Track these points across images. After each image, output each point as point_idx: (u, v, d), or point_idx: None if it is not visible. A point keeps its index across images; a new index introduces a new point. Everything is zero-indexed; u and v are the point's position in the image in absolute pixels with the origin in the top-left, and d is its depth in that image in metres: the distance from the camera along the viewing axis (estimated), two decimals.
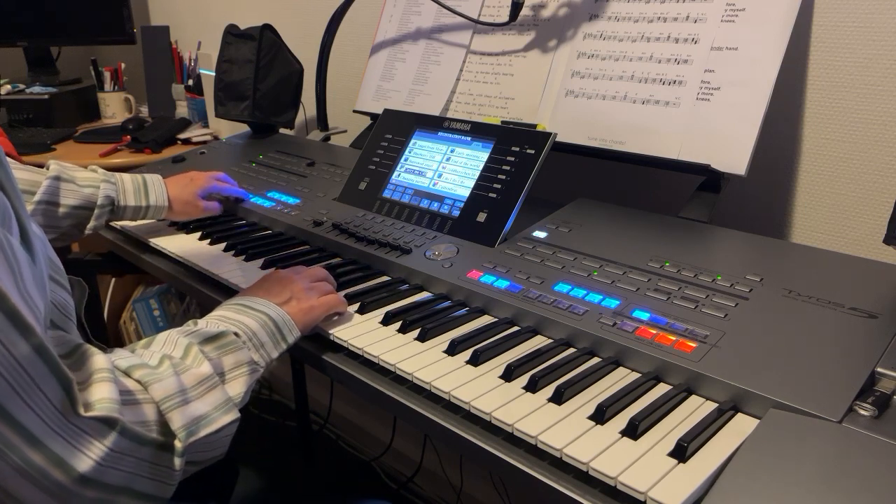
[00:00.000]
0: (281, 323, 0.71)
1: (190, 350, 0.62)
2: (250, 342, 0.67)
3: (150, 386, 0.55)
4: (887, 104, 0.87)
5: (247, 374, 0.65)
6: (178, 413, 0.56)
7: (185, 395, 0.57)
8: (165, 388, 0.56)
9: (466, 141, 0.98)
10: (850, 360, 0.60)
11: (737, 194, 1.02)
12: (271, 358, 0.69)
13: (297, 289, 0.76)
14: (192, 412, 0.57)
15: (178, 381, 0.57)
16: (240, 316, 0.69)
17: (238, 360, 0.65)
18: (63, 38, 2.14)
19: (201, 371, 0.60)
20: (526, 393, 0.63)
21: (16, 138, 1.67)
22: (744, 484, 0.49)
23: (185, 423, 0.56)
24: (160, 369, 0.58)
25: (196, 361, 0.61)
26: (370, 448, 1.85)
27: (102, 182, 0.99)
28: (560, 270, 0.79)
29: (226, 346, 0.65)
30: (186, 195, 1.06)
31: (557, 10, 1.08)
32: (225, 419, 0.60)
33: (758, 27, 0.86)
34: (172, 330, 0.65)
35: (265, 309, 0.71)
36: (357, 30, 1.54)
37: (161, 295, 1.92)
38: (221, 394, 0.61)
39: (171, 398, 0.56)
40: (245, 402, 0.64)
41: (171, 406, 0.56)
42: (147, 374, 0.56)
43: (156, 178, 1.06)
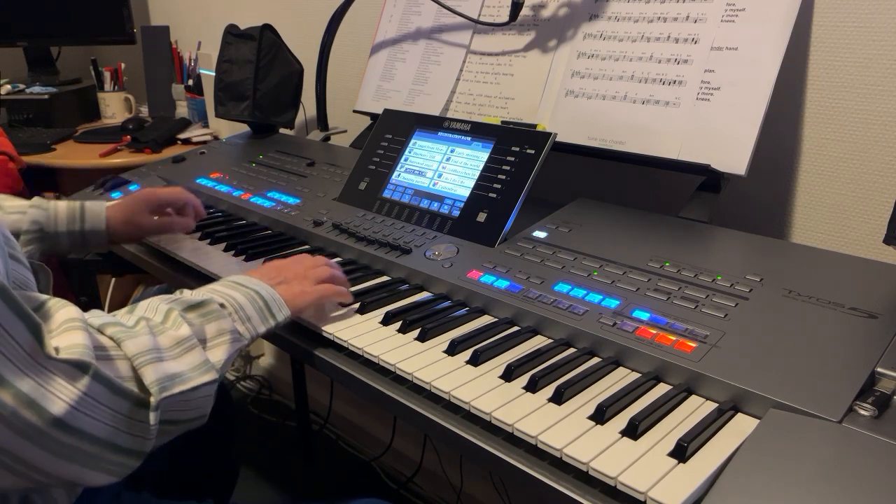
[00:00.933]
0: (270, 300, 0.71)
1: (170, 314, 0.62)
2: (236, 314, 0.67)
3: (123, 342, 0.56)
4: (887, 104, 0.87)
5: (228, 342, 0.65)
6: (152, 368, 0.56)
7: (159, 352, 0.58)
8: (138, 344, 0.56)
9: (466, 141, 0.98)
10: (850, 360, 0.60)
11: (737, 194, 1.02)
12: (257, 332, 0.69)
13: (292, 274, 0.77)
14: (167, 369, 0.57)
15: (152, 339, 0.58)
16: (228, 290, 0.70)
17: (221, 328, 0.65)
18: (63, 38, 2.14)
19: (179, 333, 0.61)
20: (526, 393, 0.63)
21: (16, 138, 1.67)
22: (744, 484, 0.49)
23: (159, 378, 0.56)
24: (135, 328, 0.58)
25: (175, 324, 0.61)
26: (370, 448, 1.85)
27: (31, 208, 0.93)
28: (560, 270, 0.79)
29: (209, 313, 0.65)
30: (128, 214, 0.99)
31: (557, 10, 1.08)
32: (202, 378, 0.60)
33: (758, 27, 0.86)
34: (155, 297, 0.66)
35: (255, 286, 0.72)
36: (357, 30, 1.54)
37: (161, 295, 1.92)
38: (199, 355, 0.61)
39: (144, 354, 0.56)
40: (225, 370, 0.64)
41: (144, 361, 0.56)
42: (120, 331, 0.57)
43: (96, 203, 0.98)
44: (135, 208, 1.00)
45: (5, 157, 1.49)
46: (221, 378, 0.64)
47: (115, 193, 1.29)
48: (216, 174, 1.28)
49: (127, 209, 1.00)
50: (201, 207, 1.06)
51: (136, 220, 0.99)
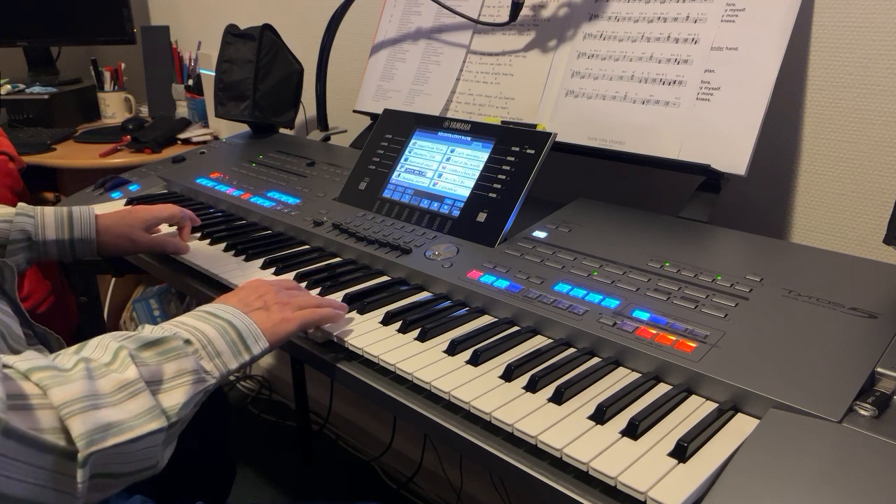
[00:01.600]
0: (245, 331, 0.66)
1: (119, 354, 0.56)
2: (203, 350, 0.62)
3: (50, 390, 0.50)
4: (887, 104, 0.87)
5: (189, 382, 0.59)
6: (80, 419, 0.50)
7: (95, 399, 0.52)
8: (68, 391, 0.50)
9: (466, 141, 0.98)
10: (850, 360, 0.60)
11: (737, 194, 1.02)
12: (228, 369, 0.64)
13: (273, 298, 0.72)
14: (100, 419, 0.51)
15: (87, 384, 0.52)
16: (198, 322, 0.64)
17: (181, 367, 0.59)
18: (63, 38, 2.14)
19: (124, 377, 0.55)
20: (526, 393, 0.63)
21: (16, 138, 1.67)
22: (744, 484, 0.49)
23: (89, 430, 0.50)
24: (69, 373, 0.52)
25: (122, 366, 0.55)
26: (370, 448, 1.85)
27: (17, 216, 0.91)
28: (560, 270, 0.79)
29: (168, 351, 0.59)
30: (122, 227, 0.97)
31: (557, 10, 1.08)
32: (146, 427, 0.54)
33: (758, 27, 0.86)
34: (108, 334, 0.60)
35: (229, 317, 0.66)
36: (357, 30, 1.54)
37: (161, 295, 1.92)
38: (146, 401, 0.55)
39: (73, 403, 0.50)
40: (185, 413, 0.58)
41: (72, 411, 0.50)
42: (49, 376, 0.51)
43: (85, 210, 0.96)
44: (130, 222, 0.98)
45: (5, 157, 1.49)
46: (182, 424, 0.59)
47: (115, 193, 1.29)
48: (216, 174, 1.28)
49: (122, 223, 0.98)
50: (196, 219, 1.05)
51: (130, 234, 0.97)
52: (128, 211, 1.01)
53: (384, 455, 1.77)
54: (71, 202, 1.28)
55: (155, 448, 0.56)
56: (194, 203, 1.21)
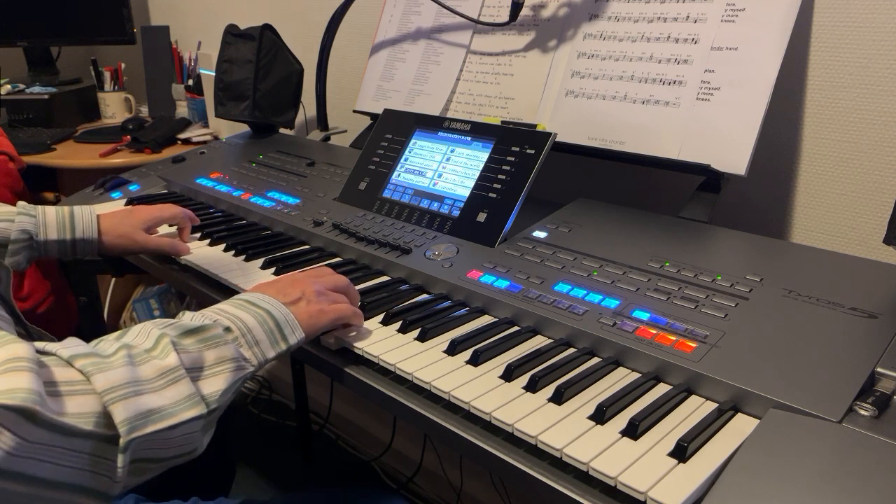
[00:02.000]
0: (283, 322, 0.67)
1: (161, 341, 0.57)
2: (243, 338, 0.63)
3: (93, 376, 0.51)
4: (887, 104, 0.87)
5: (230, 370, 0.60)
6: (122, 405, 0.51)
7: (137, 386, 0.53)
8: (111, 378, 0.51)
9: (466, 141, 0.98)
10: (850, 360, 0.60)
11: (737, 194, 1.02)
12: (266, 357, 0.65)
13: (310, 291, 0.72)
14: (142, 405, 0.52)
15: (129, 371, 0.53)
16: (237, 311, 0.65)
17: (222, 355, 0.60)
18: (63, 38, 2.14)
19: (166, 363, 0.56)
20: (526, 393, 0.63)
21: (16, 138, 1.67)
22: (744, 484, 0.49)
23: (130, 417, 0.51)
24: (111, 359, 0.53)
25: (163, 353, 0.56)
26: (370, 448, 1.85)
27: (19, 215, 0.91)
28: (560, 270, 0.79)
29: (209, 339, 0.60)
30: (123, 227, 0.97)
31: (557, 10, 1.08)
32: (186, 414, 0.55)
33: (758, 27, 0.86)
34: (150, 321, 0.61)
35: (267, 306, 0.67)
36: (357, 30, 1.55)
37: (161, 295, 1.92)
38: (187, 388, 0.56)
39: (116, 389, 0.51)
40: (225, 399, 0.60)
41: (115, 398, 0.51)
42: (92, 363, 0.52)
43: (86, 210, 0.96)
44: (132, 223, 0.98)
45: (5, 157, 1.49)
46: (221, 410, 0.59)
47: (115, 193, 1.29)
48: (216, 174, 1.28)
49: (123, 223, 0.98)
50: (196, 219, 1.05)
51: (131, 234, 0.97)
52: (129, 211, 1.01)
53: (384, 455, 1.77)
54: (71, 202, 1.28)
55: (194, 434, 0.57)
56: (194, 203, 1.21)
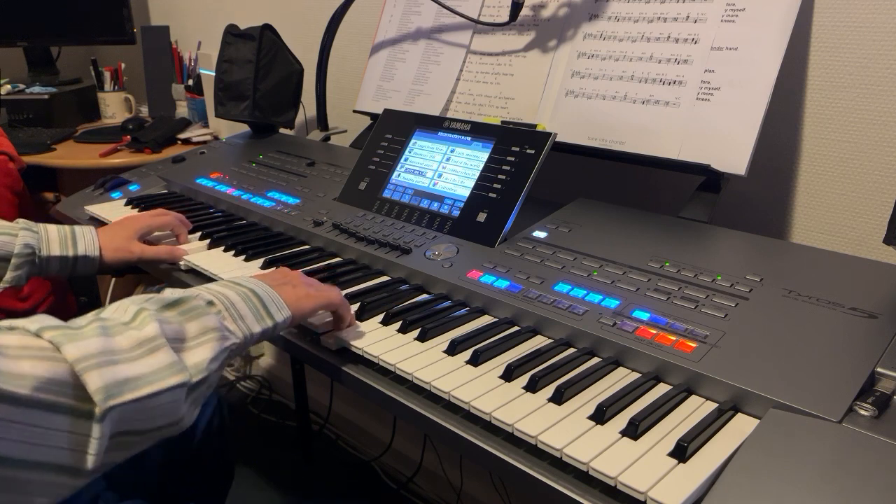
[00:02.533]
0: (267, 299, 0.67)
1: (140, 314, 0.56)
2: (226, 311, 0.62)
3: (63, 346, 0.48)
4: (887, 104, 0.87)
5: (214, 339, 0.59)
6: (97, 374, 0.48)
7: (112, 355, 0.51)
8: (83, 347, 0.49)
9: (466, 141, 0.98)
10: (850, 360, 0.60)
11: (737, 194, 1.02)
12: (251, 332, 0.64)
13: (296, 279, 0.74)
14: (118, 373, 0.50)
15: (104, 341, 0.51)
16: (220, 288, 0.65)
17: (205, 325, 0.59)
18: (63, 38, 2.14)
19: (143, 333, 0.54)
20: (526, 393, 0.63)
21: (16, 138, 1.67)
22: (744, 484, 0.49)
23: (105, 385, 0.48)
24: (83, 330, 0.51)
25: (142, 323, 0.54)
26: (370, 448, 1.85)
27: (22, 230, 0.91)
28: (560, 270, 0.79)
29: (190, 310, 0.59)
30: (118, 240, 0.98)
31: (557, 10, 1.08)
32: (167, 381, 0.52)
33: (758, 27, 0.86)
34: (127, 298, 0.59)
35: (251, 285, 0.67)
36: (357, 30, 1.55)
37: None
38: (167, 356, 0.54)
39: (89, 358, 0.49)
40: (213, 369, 0.58)
41: (87, 366, 0.48)
42: (62, 334, 0.49)
43: (86, 228, 0.97)
44: (126, 234, 0.98)
45: (5, 157, 1.49)
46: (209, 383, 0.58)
47: (115, 193, 1.29)
48: (216, 174, 1.28)
49: (118, 235, 0.98)
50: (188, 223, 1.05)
51: (128, 247, 0.98)
52: (119, 223, 1.01)
53: (384, 455, 1.76)
54: (71, 202, 1.28)
55: (177, 403, 0.54)
56: (194, 203, 1.21)
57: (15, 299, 1.41)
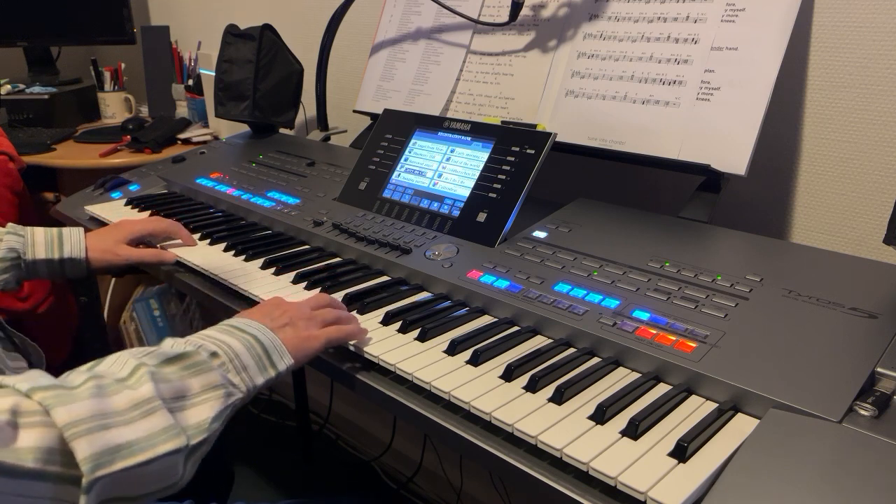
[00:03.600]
0: (270, 347, 0.64)
1: (137, 371, 0.54)
2: (230, 363, 0.60)
3: (53, 409, 0.46)
4: (887, 104, 0.87)
5: (218, 398, 0.57)
6: (86, 441, 0.46)
7: (104, 419, 0.48)
8: (74, 411, 0.47)
9: (466, 141, 0.98)
10: (850, 360, 0.60)
11: (737, 194, 1.02)
12: (255, 384, 0.62)
13: (296, 315, 0.70)
14: (111, 440, 0.48)
15: (97, 402, 0.49)
16: (223, 336, 0.63)
17: (208, 381, 0.57)
18: (63, 38, 2.14)
19: (138, 393, 0.52)
20: (526, 393, 0.63)
21: (16, 138, 1.67)
22: (744, 484, 0.49)
23: (95, 453, 0.46)
24: (77, 391, 0.49)
25: (138, 382, 0.53)
26: (370, 448, 1.85)
27: (7, 234, 0.91)
28: (560, 270, 0.79)
29: (193, 366, 0.57)
30: (106, 243, 0.97)
31: (557, 10, 1.08)
32: (162, 447, 0.50)
33: (758, 27, 0.86)
34: (127, 351, 0.57)
35: (254, 331, 0.65)
36: (357, 30, 1.54)
37: (161, 295, 1.92)
38: (162, 419, 0.52)
39: (81, 423, 0.47)
40: (214, 429, 0.56)
41: (77, 433, 0.46)
42: (54, 395, 0.47)
43: (74, 230, 0.97)
44: (115, 237, 0.98)
45: (5, 157, 1.49)
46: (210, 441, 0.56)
47: (115, 193, 1.29)
48: (216, 174, 1.28)
49: (107, 237, 0.98)
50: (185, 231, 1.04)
51: (114, 249, 0.97)
52: (115, 226, 1.01)
53: (384, 455, 1.77)
54: (71, 202, 1.28)
55: (173, 468, 0.52)
56: (194, 203, 1.21)
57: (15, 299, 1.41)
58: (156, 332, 1.90)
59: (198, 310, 2.02)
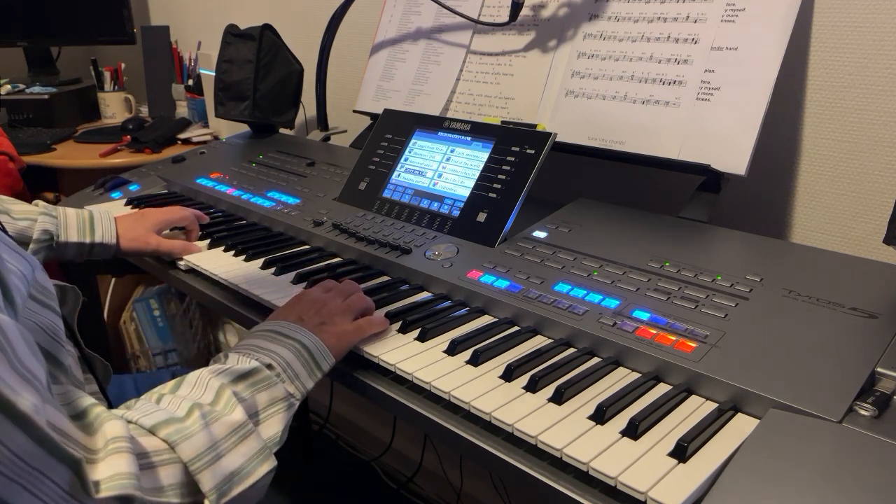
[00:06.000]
0: (315, 351, 0.66)
1: (222, 393, 0.58)
2: (285, 373, 0.63)
3: (178, 445, 0.52)
4: (887, 104, 0.87)
5: (283, 410, 0.61)
6: (209, 473, 0.52)
7: (216, 449, 0.54)
8: (195, 445, 0.52)
9: (466, 141, 0.98)
10: (850, 360, 0.60)
11: (737, 194, 1.02)
12: (307, 389, 0.65)
13: (330, 312, 0.72)
14: (225, 468, 0.54)
15: (208, 434, 0.54)
16: (273, 345, 0.65)
17: (273, 396, 0.61)
18: (63, 38, 2.14)
19: (234, 418, 0.56)
20: (526, 393, 0.63)
21: (16, 138, 1.67)
22: (744, 484, 0.49)
23: (217, 484, 0.52)
24: (188, 422, 0.54)
25: (228, 406, 0.57)
26: (370, 448, 1.85)
27: (41, 215, 0.91)
28: (560, 270, 0.79)
29: (259, 382, 0.61)
30: (137, 230, 0.98)
31: (557, 10, 1.08)
32: (261, 470, 0.57)
33: (758, 27, 0.86)
34: (204, 370, 0.61)
35: (299, 336, 0.67)
36: (357, 30, 1.54)
37: (161, 295, 1.92)
38: (256, 441, 0.57)
39: (202, 457, 0.52)
40: (283, 440, 0.61)
41: (201, 466, 0.52)
42: (174, 431, 0.52)
43: (104, 214, 0.98)
44: (145, 225, 0.99)
45: (5, 157, 1.49)
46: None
47: (115, 193, 1.29)
48: (216, 174, 1.28)
49: (137, 226, 0.99)
50: (205, 217, 1.07)
51: (145, 237, 0.98)
52: (140, 214, 1.02)
53: (384, 455, 1.76)
54: (71, 202, 1.28)
55: (266, 485, 0.58)
56: (194, 203, 1.21)
57: None
58: (156, 332, 1.90)
59: (198, 310, 2.02)
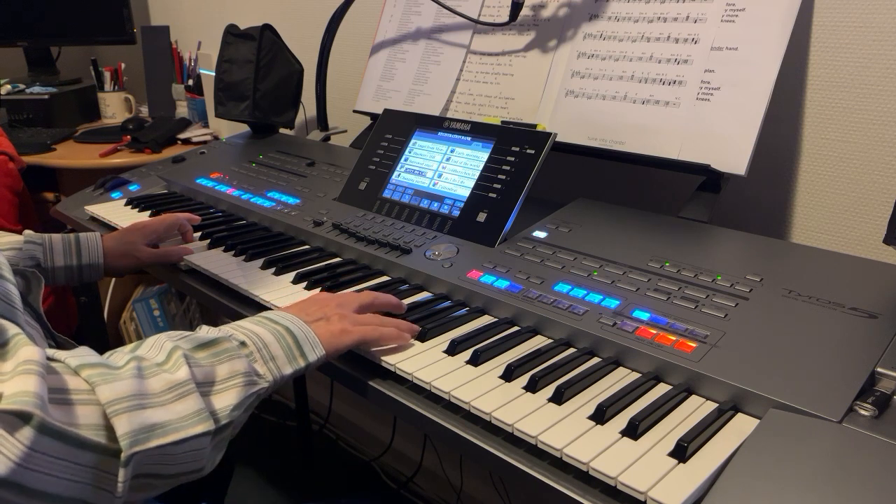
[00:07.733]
0: (301, 338, 0.66)
1: (173, 354, 0.57)
2: (258, 353, 0.62)
3: (98, 387, 0.50)
4: (887, 104, 0.87)
5: (241, 385, 0.59)
6: (126, 418, 0.50)
7: (142, 399, 0.52)
8: (116, 389, 0.51)
9: (466, 141, 0.98)
10: (850, 360, 0.60)
11: (737, 194, 1.02)
12: (282, 374, 0.63)
13: (334, 310, 0.71)
14: (146, 419, 0.51)
15: (136, 383, 0.52)
16: (254, 326, 0.65)
17: (233, 369, 0.59)
18: (63, 38, 2.14)
19: (175, 377, 0.55)
20: (526, 393, 0.63)
21: (16, 138, 1.67)
22: (744, 484, 0.49)
23: (133, 430, 0.50)
24: (120, 370, 0.53)
25: (175, 366, 0.56)
26: (370, 448, 1.85)
27: (25, 243, 0.92)
28: (560, 270, 0.79)
29: (222, 352, 0.60)
30: (125, 247, 0.99)
31: (557, 10, 1.08)
32: (193, 430, 0.54)
33: (758, 27, 0.86)
34: (164, 333, 0.61)
35: (286, 323, 0.66)
36: (357, 30, 1.55)
37: (161, 295, 1.92)
38: (195, 403, 0.55)
39: (121, 401, 0.50)
40: (237, 416, 0.58)
41: (118, 410, 0.50)
42: (99, 373, 0.51)
43: (91, 235, 0.98)
44: (131, 240, 0.99)
45: (5, 157, 1.49)
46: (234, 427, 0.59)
47: (115, 193, 1.29)
48: (216, 174, 1.28)
49: (123, 241, 0.99)
50: (196, 217, 1.07)
51: (133, 252, 0.99)
52: (127, 229, 1.02)
53: (384, 455, 1.77)
54: (71, 202, 1.28)
55: (201, 451, 0.55)
56: (194, 203, 1.21)
57: None
58: (156, 332, 1.90)
59: (198, 310, 2.02)
